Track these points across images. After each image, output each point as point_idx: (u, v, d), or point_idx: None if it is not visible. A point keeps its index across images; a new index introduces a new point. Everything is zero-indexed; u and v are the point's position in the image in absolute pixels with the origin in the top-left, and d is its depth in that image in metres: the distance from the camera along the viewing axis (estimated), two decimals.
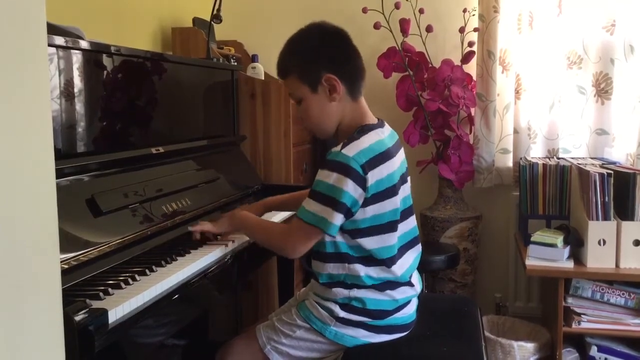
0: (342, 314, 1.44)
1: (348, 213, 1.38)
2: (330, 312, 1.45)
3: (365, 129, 1.45)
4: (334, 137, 1.55)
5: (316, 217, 1.38)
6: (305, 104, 1.49)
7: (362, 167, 1.36)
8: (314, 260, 1.51)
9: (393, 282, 1.47)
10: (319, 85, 1.46)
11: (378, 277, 1.45)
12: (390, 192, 1.42)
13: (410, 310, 1.53)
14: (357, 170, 1.35)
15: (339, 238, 1.44)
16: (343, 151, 1.37)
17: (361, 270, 1.44)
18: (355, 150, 1.37)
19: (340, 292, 1.45)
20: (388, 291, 1.46)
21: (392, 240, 1.45)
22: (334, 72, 1.45)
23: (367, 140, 1.41)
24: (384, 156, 1.41)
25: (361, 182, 1.36)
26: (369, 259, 1.45)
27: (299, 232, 1.43)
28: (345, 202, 1.36)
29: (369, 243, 1.43)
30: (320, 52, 1.47)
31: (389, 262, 1.45)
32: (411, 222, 1.54)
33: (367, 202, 1.39)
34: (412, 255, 1.54)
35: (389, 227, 1.44)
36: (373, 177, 1.37)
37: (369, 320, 1.45)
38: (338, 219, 1.37)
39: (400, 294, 1.48)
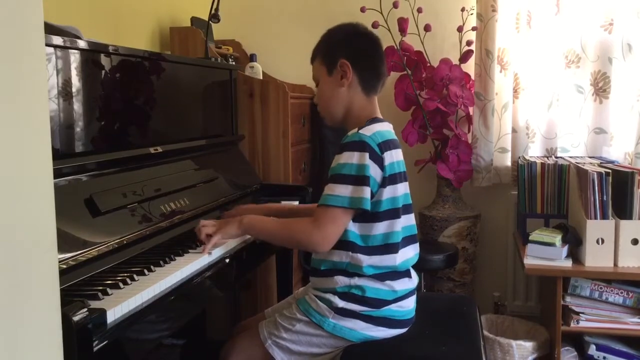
0: (341, 304, 1.46)
1: (371, 192, 1.43)
2: (329, 304, 1.47)
3: (376, 120, 1.55)
4: (342, 126, 1.61)
5: (351, 199, 1.42)
6: (320, 86, 1.61)
7: (378, 146, 1.44)
8: None
9: (393, 272, 1.50)
10: (334, 69, 1.56)
11: (380, 266, 1.48)
12: (399, 177, 1.51)
13: (409, 306, 1.54)
14: (374, 148, 1.44)
15: (350, 226, 1.47)
16: (360, 132, 1.46)
17: (364, 260, 1.47)
18: (371, 131, 1.46)
19: (342, 281, 1.48)
20: (388, 281, 1.49)
21: (397, 226, 1.50)
22: (350, 60, 1.54)
23: (380, 127, 1.51)
24: (394, 143, 1.52)
25: (379, 160, 1.44)
26: (375, 248, 1.48)
27: (329, 221, 1.43)
28: (370, 175, 1.42)
29: (382, 228, 1.48)
30: (345, 41, 1.59)
31: (394, 249, 1.49)
32: (412, 219, 1.59)
33: (384, 183, 1.46)
34: (412, 250, 1.58)
35: (397, 213, 1.50)
36: (388, 158, 1.46)
37: (368, 309, 1.47)
38: (368, 193, 1.43)
39: (400, 285, 1.51)
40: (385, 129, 1.52)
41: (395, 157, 1.50)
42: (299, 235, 1.49)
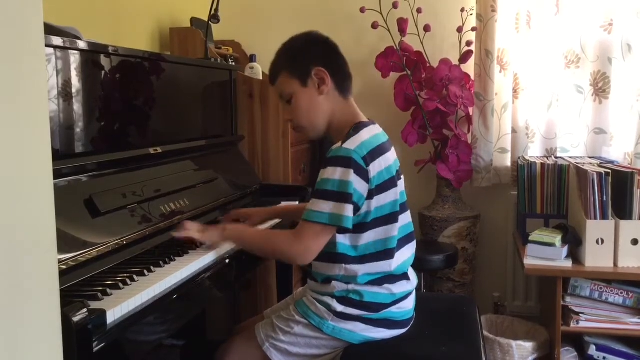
0: (339, 308, 1.46)
1: (355, 207, 1.41)
2: (328, 307, 1.47)
3: (360, 126, 1.49)
4: (326, 135, 1.58)
5: (331, 216, 1.39)
6: (295, 100, 1.53)
7: (363, 159, 1.40)
8: (313, 261, 1.52)
9: (390, 276, 1.49)
10: (308, 79, 1.51)
11: (376, 273, 1.47)
12: (390, 183, 1.47)
13: (408, 306, 1.54)
14: (359, 162, 1.39)
15: (340, 239, 1.46)
16: (344, 146, 1.42)
17: (358, 270, 1.46)
18: (355, 143, 1.42)
19: (339, 286, 1.47)
20: (386, 285, 1.48)
21: (394, 231, 1.48)
22: (323, 65, 1.50)
23: (365, 135, 1.46)
24: (381, 149, 1.47)
25: (364, 174, 1.40)
26: (368, 257, 1.47)
27: (310, 236, 1.42)
28: (353, 193, 1.39)
29: (373, 236, 1.46)
30: (310, 49, 1.55)
31: (389, 254, 1.48)
32: (407, 217, 1.57)
33: (371, 195, 1.43)
34: (409, 251, 1.57)
35: (392, 218, 1.48)
36: (374, 169, 1.42)
37: (366, 313, 1.46)
38: (350, 210, 1.40)
39: (398, 287, 1.50)
40: (372, 134, 1.48)
41: (384, 163, 1.45)
42: (280, 249, 1.48)
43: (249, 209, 1.85)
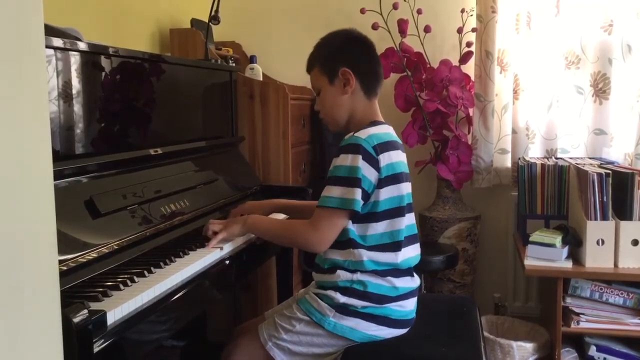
0: (342, 299, 1.48)
1: (365, 193, 1.45)
2: (331, 301, 1.49)
3: (376, 122, 1.57)
4: (344, 130, 1.62)
5: (341, 200, 1.45)
6: (322, 94, 1.62)
7: (374, 148, 1.46)
8: None
9: (395, 269, 1.51)
10: (335, 78, 1.58)
11: (380, 262, 1.50)
12: (401, 177, 1.52)
13: (410, 306, 1.55)
14: (369, 150, 1.45)
15: (350, 226, 1.49)
16: (356, 135, 1.49)
17: (364, 254, 1.49)
18: (366, 134, 1.49)
19: (344, 275, 1.50)
20: (389, 277, 1.50)
21: (401, 224, 1.52)
22: (351, 67, 1.56)
23: (378, 129, 1.52)
24: (392, 145, 1.53)
25: (374, 162, 1.45)
26: (376, 247, 1.50)
27: (324, 221, 1.48)
28: (362, 178, 1.44)
29: (382, 227, 1.50)
30: (342, 49, 1.61)
31: (396, 247, 1.51)
32: (412, 218, 1.60)
33: (381, 184, 1.47)
34: (414, 250, 1.59)
35: (399, 211, 1.52)
36: (384, 159, 1.47)
37: (368, 305, 1.48)
38: (359, 194, 1.44)
39: (401, 282, 1.52)
40: (382, 131, 1.53)
41: (395, 157, 1.51)
42: (298, 236, 1.55)
43: (255, 202, 1.87)
